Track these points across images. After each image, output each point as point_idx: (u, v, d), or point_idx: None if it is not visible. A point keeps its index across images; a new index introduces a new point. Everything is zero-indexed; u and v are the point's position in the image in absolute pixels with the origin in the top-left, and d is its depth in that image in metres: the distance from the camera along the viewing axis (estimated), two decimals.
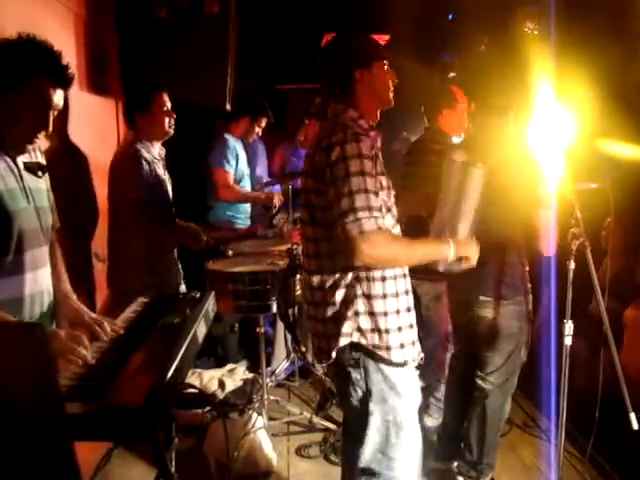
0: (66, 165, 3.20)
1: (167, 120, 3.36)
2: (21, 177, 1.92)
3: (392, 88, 2.27)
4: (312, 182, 2.16)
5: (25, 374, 0.96)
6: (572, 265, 2.56)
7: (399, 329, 2.15)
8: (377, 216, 1.97)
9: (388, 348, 2.13)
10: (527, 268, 3.00)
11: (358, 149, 2.01)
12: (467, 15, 5.05)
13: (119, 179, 3.32)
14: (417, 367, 2.28)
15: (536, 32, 4.65)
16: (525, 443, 3.70)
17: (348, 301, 2.14)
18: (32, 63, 1.82)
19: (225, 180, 4.68)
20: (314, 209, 2.17)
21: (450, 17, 5.45)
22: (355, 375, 2.17)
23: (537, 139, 2.83)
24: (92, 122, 3.65)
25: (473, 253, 2.23)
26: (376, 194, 2.01)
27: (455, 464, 3.29)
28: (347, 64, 2.20)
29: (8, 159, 1.89)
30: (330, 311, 2.17)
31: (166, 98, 3.39)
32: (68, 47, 3.32)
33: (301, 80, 6.62)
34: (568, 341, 2.63)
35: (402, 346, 2.16)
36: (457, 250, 2.15)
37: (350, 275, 2.13)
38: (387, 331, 2.13)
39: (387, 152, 2.50)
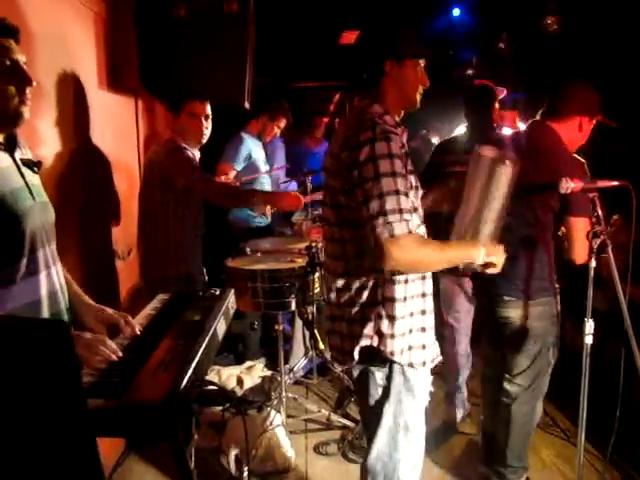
0: (86, 164, 3.23)
1: (197, 128, 3.44)
2: (22, 174, 1.86)
3: (421, 91, 2.22)
4: (339, 182, 2.09)
5: (49, 369, 0.97)
6: (593, 263, 2.53)
7: (410, 331, 2.14)
8: (408, 219, 1.91)
9: (401, 351, 2.12)
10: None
11: (388, 148, 1.95)
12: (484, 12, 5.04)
13: (165, 169, 3.41)
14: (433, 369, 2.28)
15: (555, 27, 4.63)
16: (545, 443, 3.68)
17: (372, 303, 2.11)
18: None
19: (224, 173, 4.69)
20: (341, 209, 2.12)
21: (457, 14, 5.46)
22: (379, 375, 2.15)
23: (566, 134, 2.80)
24: (112, 121, 3.68)
25: (500, 259, 2.17)
26: (407, 195, 1.95)
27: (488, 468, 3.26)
28: (379, 52, 2.15)
29: (7, 156, 1.83)
30: (354, 312, 2.14)
31: (198, 106, 3.50)
32: (88, 46, 3.35)
33: (318, 78, 6.63)
34: (589, 340, 2.60)
35: (410, 348, 2.14)
36: (487, 255, 2.10)
37: (376, 277, 2.10)
38: (403, 334, 2.12)
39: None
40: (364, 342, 2.12)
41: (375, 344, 2.11)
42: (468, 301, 3.80)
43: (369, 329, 2.11)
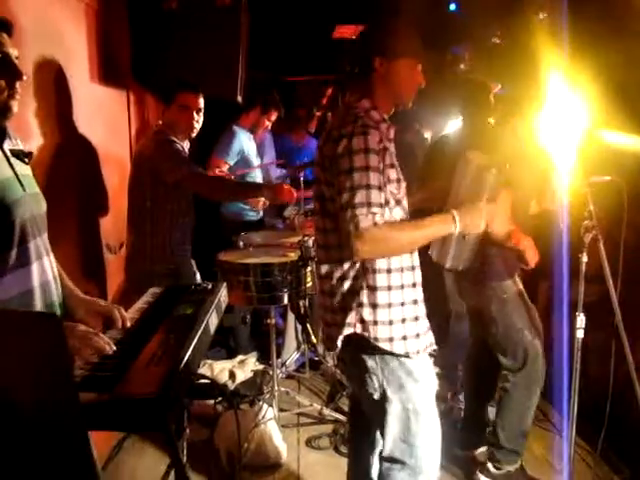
0: (76, 157, 3.22)
1: (187, 120, 3.42)
2: (11, 165, 1.85)
3: (414, 92, 2.23)
4: (322, 173, 2.15)
5: (41, 362, 0.96)
6: (585, 258, 2.55)
7: (402, 321, 2.15)
8: (375, 212, 1.94)
9: (391, 339, 2.13)
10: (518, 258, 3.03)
11: (365, 142, 1.99)
12: (474, 5, 5.01)
13: (154, 163, 3.39)
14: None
15: (546, 21, 4.62)
16: (536, 436, 3.68)
17: (354, 292, 2.15)
18: None
19: (217, 167, 4.67)
20: (324, 200, 2.17)
21: (453, 8, 5.41)
22: (371, 363, 2.16)
23: (549, 131, 2.82)
24: (102, 113, 3.66)
25: (479, 219, 2.12)
26: (379, 189, 1.98)
27: (481, 450, 3.33)
28: (369, 49, 2.17)
29: None
30: (337, 301, 2.19)
31: (191, 98, 3.47)
32: (79, 38, 3.33)
33: (310, 72, 6.63)
34: (580, 334, 2.62)
35: (404, 338, 2.15)
36: (462, 219, 2.07)
37: (357, 266, 2.14)
38: (390, 322, 2.13)
39: (401, 144, 2.49)
40: (347, 330, 2.15)
41: (359, 331, 2.14)
42: None
43: (351, 317, 2.15)
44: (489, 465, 3.21)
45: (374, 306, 2.12)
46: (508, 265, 3.03)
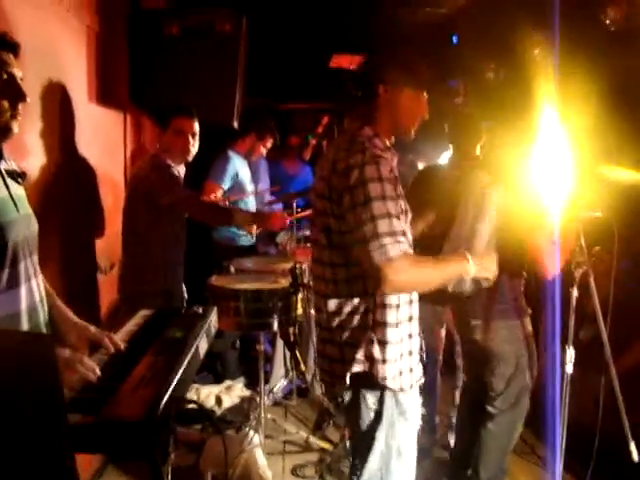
0: (72, 176, 3.22)
1: (183, 145, 3.45)
2: (6, 185, 1.84)
3: (416, 122, 2.20)
4: (329, 205, 2.07)
5: (31, 382, 0.96)
6: (575, 293, 2.57)
7: (401, 356, 2.12)
8: (401, 240, 1.91)
9: (398, 375, 2.10)
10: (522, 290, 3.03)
11: (378, 172, 1.94)
12: (471, 39, 5.07)
13: (149, 186, 3.41)
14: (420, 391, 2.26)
15: (542, 57, 4.68)
16: (522, 470, 3.66)
17: (363, 327, 2.09)
18: None
19: (212, 192, 4.67)
20: (331, 233, 2.09)
21: (454, 40, 5.46)
22: (371, 399, 2.11)
23: (541, 165, 2.84)
24: (100, 134, 3.67)
25: (492, 266, 2.16)
26: (398, 217, 1.94)
27: None
28: (375, 75, 2.13)
29: None
30: (346, 336, 2.12)
31: (186, 122, 3.50)
32: (79, 59, 3.35)
33: (306, 100, 6.67)
34: (569, 369, 2.63)
35: (401, 373, 2.12)
36: (476, 265, 2.08)
37: (367, 301, 2.08)
38: (395, 360, 2.09)
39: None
40: (356, 368, 2.09)
41: (367, 369, 2.08)
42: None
43: (360, 354, 2.08)
44: None
45: (383, 343, 2.07)
46: (518, 304, 3.02)
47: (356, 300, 2.10)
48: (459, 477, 3.38)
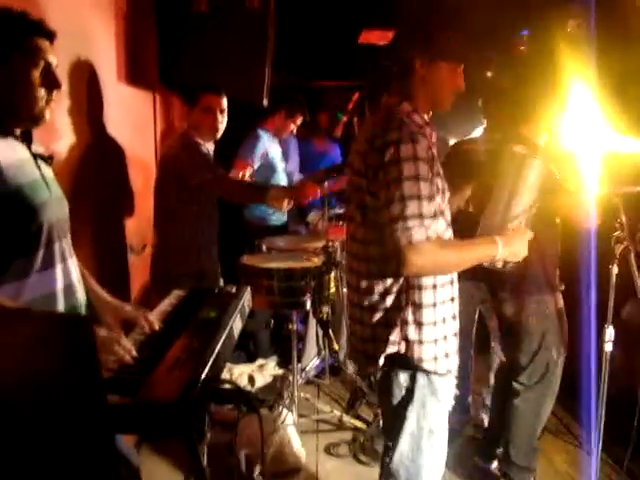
0: (102, 157, 3.22)
1: (211, 122, 3.43)
2: (39, 167, 1.87)
3: (453, 96, 2.15)
4: (365, 182, 2.03)
5: (71, 364, 0.95)
6: (615, 269, 2.51)
7: (445, 338, 2.09)
8: (428, 225, 1.88)
9: (435, 359, 2.07)
10: (556, 268, 3.00)
11: (414, 150, 1.90)
12: (506, 12, 4.97)
13: (179, 165, 3.40)
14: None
15: (577, 32, 4.58)
16: (557, 449, 3.64)
17: (398, 308, 2.06)
18: (19, 29, 1.76)
19: (241, 171, 4.62)
20: (366, 210, 2.06)
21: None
22: (403, 377, 2.09)
23: (577, 141, 2.78)
24: (129, 114, 3.67)
25: (522, 250, 2.14)
26: (430, 199, 1.90)
27: (495, 465, 3.28)
28: (410, 49, 2.08)
29: (24, 149, 1.85)
30: (379, 316, 2.09)
31: (214, 99, 3.48)
32: (108, 39, 3.33)
33: (336, 77, 6.61)
34: (609, 347, 2.58)
35: (447, 355, 2.10)
36: (504, 249, 2.06)
37: (401, 281, 2.05)
38: (435, 341, 2.06)
39: None
40: (390, 349, 2.06)
41: (402, 350, 2.06)
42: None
43: (395, 335, 2.05)
44: None
45: (419, 324, 2.04)
46: (549, 279, 2.97)
47: (389, 280, 2.06)
48: (490, 456, 3.36)
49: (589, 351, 2.77)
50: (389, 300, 2.07)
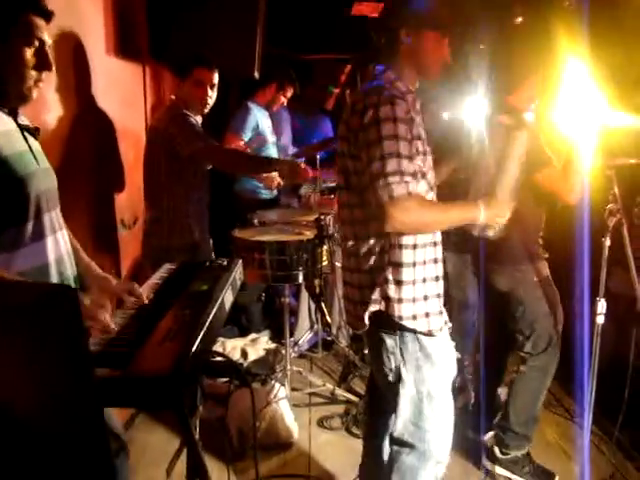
0: (92, 130, 3.18)
1: (201, 95, 3.40)
2: (25, 138, 1.87)
3: (440, 66, 2.18)
4: (347, 146, 2.10)
5: (57, 335, 0.94)
6: (608, 242, 2.52)
7: (425, 298, 2.12)
8: (408, 181, 1.92)
9: (414, 317, 2.10)
10: (538, 237, 3.01)
11: (392, 112, 1.95)
12: None
13: (168, 137, 3.36)
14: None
15: (571, 7, 4.54)
16: (549, 421, 3.66)
17: (379, 268, 2.11)
18: (15, 4, 1.74)
19: (232, 144, 4.59)
20: (349, 174, 2.12)
21: None
22: (390, 342, 2.13)
23: (570, 115, 2.76)
24: (118, 87, 3.62)
25: (503, 215, 2.18)
26: (410, 159, 1.94)
27: (490, 434, 3.29)
28: (396, 20, 2.14)
29: (11, 120, 1.84)
30: (363, 278, 2.15)
31: (206, 73, 3.44)
32: (96, 11, 3.28)
33: (327, 50, 6.54)
34: (600, 320, 2.59)
35: (427, 315, 2.12)
36: (487, 212, 2.10)
37: (382, 241, 2.10)
38: (414, 300, 2.10)
39: None
40: (373, 307, 2.12)
41: (383, 308, 2.10)
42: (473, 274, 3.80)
43: (376, 294, 2.11)
44: (496, 450, 3.18)
45: (398, 283, 2.08)
46: (529, 248, 2.97)
47: (371, 240, 2.12)
48: (481, 428, 3.38)
49: (581, 324, 2.78)
50: (372, 260, 2.12)
